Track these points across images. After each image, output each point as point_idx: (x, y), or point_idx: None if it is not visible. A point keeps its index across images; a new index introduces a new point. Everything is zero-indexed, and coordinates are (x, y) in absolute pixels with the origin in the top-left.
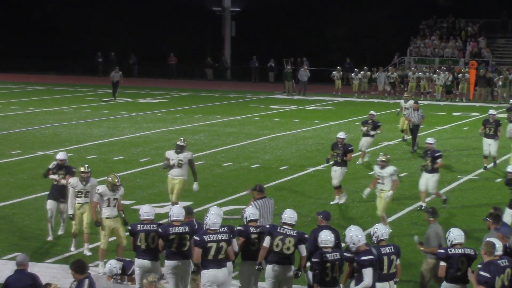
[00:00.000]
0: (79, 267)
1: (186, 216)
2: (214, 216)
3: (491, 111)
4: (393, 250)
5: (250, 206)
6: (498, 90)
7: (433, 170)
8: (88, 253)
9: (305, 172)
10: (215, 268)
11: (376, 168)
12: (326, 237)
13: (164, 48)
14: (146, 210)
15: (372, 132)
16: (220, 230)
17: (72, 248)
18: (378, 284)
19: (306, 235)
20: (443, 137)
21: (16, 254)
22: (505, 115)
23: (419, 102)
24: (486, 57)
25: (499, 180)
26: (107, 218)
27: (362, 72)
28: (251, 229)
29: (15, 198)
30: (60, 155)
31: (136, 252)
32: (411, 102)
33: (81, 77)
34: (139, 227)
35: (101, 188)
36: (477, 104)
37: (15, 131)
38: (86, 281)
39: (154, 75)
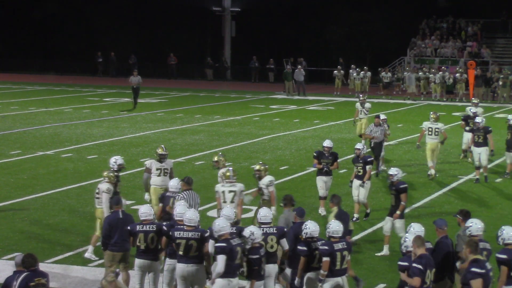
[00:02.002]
0: (24, 261)
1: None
2: (192, 212)
3: (478, 119)
4: (345, 246)
5: (180, 202)
6: (498, 91)
7: (363, 177)
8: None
9: (305, 172)
10: (184, 264)
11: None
12: (257, 233)
13: (164, 48)
14: (144, 211)
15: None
16: (197, 228)
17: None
18: (331, 279)
19: (285, 229)
20: None
21: (16, 254)
22: (504, 115)
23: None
24: (485, 57)
25: (499, 180)
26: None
27: (362, 72)
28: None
29: (15, 198)
30: (121, 159)
31: (136, 252)
32: (368, 105)
33: (81, 77)
34: (138, 227)
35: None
36: None
37: (15, 131)
38: (18, 276)
39: (154, 75)
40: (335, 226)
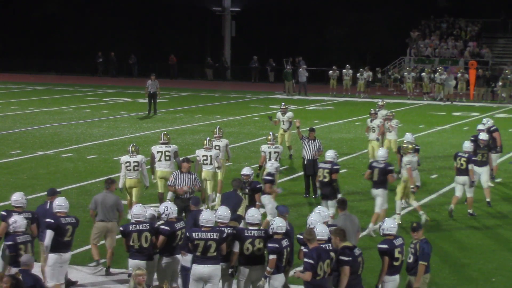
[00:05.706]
0: None
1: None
2: (208, 213)
3: (482, 136)
4: (288, 243)
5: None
6: (498, 91)
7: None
8: None
9: None
10: (201, 264)
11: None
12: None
13: (164, 48)
14: (137, 212)
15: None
16: (214, 228)
17: None
18: (277, 276)
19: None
20: (443, 137)
21: None
22: (504, 115)
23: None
24: (486, 57)
25: (498, 180)
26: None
27: (364, 72)
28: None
29: None
30: (247, 170)
31: (130, 252)
32: (290, 114)
33: (81, 77)
34: (131, 227)
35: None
36: (477, 104)
37: (15, 131)
38: None
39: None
40: (278, 223)
